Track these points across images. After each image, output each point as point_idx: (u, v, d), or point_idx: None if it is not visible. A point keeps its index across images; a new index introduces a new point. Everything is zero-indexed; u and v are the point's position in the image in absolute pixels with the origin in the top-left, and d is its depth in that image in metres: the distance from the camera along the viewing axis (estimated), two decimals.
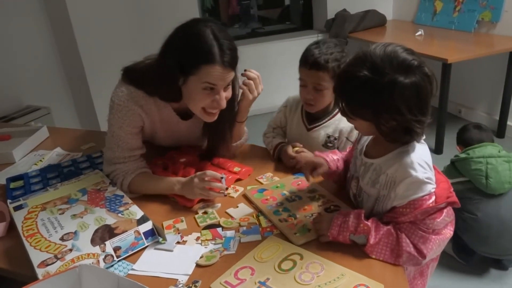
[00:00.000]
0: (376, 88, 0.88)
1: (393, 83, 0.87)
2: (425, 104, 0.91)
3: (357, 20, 3.64)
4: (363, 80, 0.88)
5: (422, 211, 0.93)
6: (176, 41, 1.15)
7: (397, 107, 0.88)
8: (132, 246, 1.04)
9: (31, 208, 1.19)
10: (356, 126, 1.02)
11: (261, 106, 3.93)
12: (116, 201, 1.20)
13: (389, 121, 0.91)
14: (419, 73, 0.88)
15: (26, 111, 2.91)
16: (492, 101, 3.18)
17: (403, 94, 0.87)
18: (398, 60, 0.88)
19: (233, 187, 1.31)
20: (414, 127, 0.91)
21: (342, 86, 0.96)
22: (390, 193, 0.99)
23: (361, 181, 1.08)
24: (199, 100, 1.18)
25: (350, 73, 0.92)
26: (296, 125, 1.47)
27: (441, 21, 3.44)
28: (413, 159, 0.95)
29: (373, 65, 0.88)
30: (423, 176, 0.94)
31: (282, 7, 5.12)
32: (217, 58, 1.11)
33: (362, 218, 0.97)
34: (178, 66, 1.14)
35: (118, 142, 1.29)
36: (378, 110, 0.90)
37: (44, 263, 0.97)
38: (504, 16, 2.94)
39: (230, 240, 1.06)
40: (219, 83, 1.15)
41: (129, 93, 1.26)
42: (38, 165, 1.58)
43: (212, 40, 1.11)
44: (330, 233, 0.98)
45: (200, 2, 5.05)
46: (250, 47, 3.83)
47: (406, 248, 0.94)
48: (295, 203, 1.19)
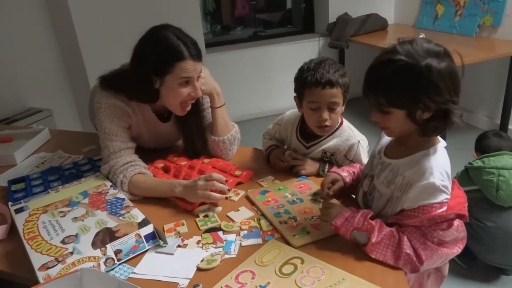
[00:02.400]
0: (415, 71, 0.89)
1: (429, 66, 0.89)
2: (458, 85, 0.93)
3: (358, 24, 3.65)
4: (401, 64, 0.90)
5: (429, 217, 0.93)
6: (146, 50, 1.29)
7: (437, 87, 0.89)
8: (133, 250, 1.04)
9: (32, 210, 1.19)
10: (388, 122, 0.98)
11: (262, 109, 3.96)
12: (117, 204, 1.21)
13: (429, 106, 0.91)
14: (449, 58, 0.92)
15: (28, 113, 2.92)
16: (493, 105, 3.18)
17: (440, 75, 0.89)
18: (428, 48, 0.91)
19: (234, 191, 1.31)
20: (451, 109, 0.92)
21: (378, 75, 0.95)
22: (403, 195, 0.99)
23: (376, 179, 1.08)
24: (178, 95, 1.30)
25: (386, 60, 0.93)
26: (293, 144, 1.44)
27: (443, 25, 3.44)
28: (433, 165, 0.95)
29: (407, 52, 0.91)
30: (440, 183, 0.94)
31: (284, 11, 5.13)
32: (186, 54, 1.26)
33: (368, 217, 0.99)
34: (152, 71, 1.27)
35: (111, 137, 1.36)
36: (416, 97, 0.90)
37: (45, 266, 0.97)
38: (505, 20, 2.94)
39: (231, 244, 1.06)
40: (193, 74, 1.29)
41: (112, 94, 1.36)
42: (39, 167, 1.58)
43: (177, 40, 1.26)
44: (335, 222, 0.99)
45: (202, 5, 5.08)
46: (252, 50, 3.84)
47: (406, 250, 0.94)
48: (296, 205, 1.19)
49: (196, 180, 1.22)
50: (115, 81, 1.37)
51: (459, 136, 3.07)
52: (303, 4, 4.27)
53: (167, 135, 1.54)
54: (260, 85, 3.91)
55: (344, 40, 3.61)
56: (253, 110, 3.89)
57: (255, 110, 3.91)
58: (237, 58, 3.76)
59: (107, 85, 1.37)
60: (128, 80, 1.33)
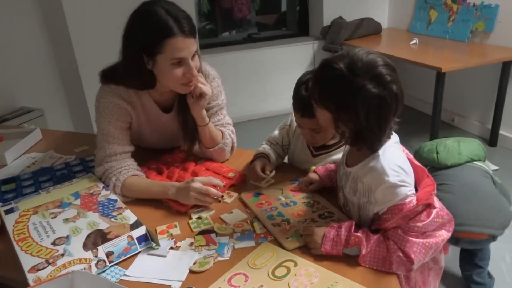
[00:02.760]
0: (344, 85, 0.91)
1: (360, 87, 0.90)
2: (384, 119, 0.93)
3: (352, 27, 3.67)
4: (337, 73, 0.92)
5: (402, 216, 0.94)
6: (134, 28, 1.21)
7: (356, 110, 0.91)
8: (125, 252, 1.03)
9: (23, 211, 1.18)
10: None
11: (255, 112, 3.96)
12: (110, 205, 1.19)
13: (346, 122, 0.95)
14: (388, 89, 0.91)
15: (19, 113, 2.89)
16: (485, 110, 3.21)
17: (365, 101, 0.90)
18: (374, 71, 0.91)
19: (228, 193, 1.30)
20: (366, 136, 0.94)
21: (320, 73, 0.98)
22: (370, 200, 1.00)
23: (344, 190, 1.10)
24: (173, 76, 1.22)
25: (329, 63, 0.95)
26: (300, 149, 1.41)
27: (436, 30, 3.47)
28: (384, 165, 0.96)
29: (351, 64, 0.91)
30: (396, 179, 0.95)
31: (279, 13, 5.14)
32: (176, 30, 1.16)
33: (353, 230, 0.98)
34: (142, 50, 1.19)
35: (109, 139, 1.31)
36: (340, 107, 0.93)
37: (35, 268, 0.95)
38: (497, 26, 2.98)
39: (224, 246, 1.05)
40: (185, 54, 1.20)
41: (111, 90, 1.31)
42: (30, 168, 1.57)
43: (166, 15, 1.17)
44: (324, 248, 0.98)
45: (196, 7, 5.07)
46: (246, 52, 3.85)
47: (395, 253, 0.94)
48: (289, 208, 1.19)
49: (189, 182, 1.20)
50: (112, 72, 1.32)
51: None
52: (297, 7, 4.28)
53: (170, 128, 1.45)
54: (255, 87, 3.91)
55: (338, 43, 3.63)
56: (247, 112, 3.89)
57: (249, 113, 3.91)
58: (232, 60, 3.76)
59: (106, 79, 1.33)
60: (121, 66, 1.27)
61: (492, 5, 2.97)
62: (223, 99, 1.47)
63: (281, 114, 3.90)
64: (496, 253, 1.98)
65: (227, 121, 1.49)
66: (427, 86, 3.38)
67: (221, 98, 1.46)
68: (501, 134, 3.06)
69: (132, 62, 1.23)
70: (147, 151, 1.54)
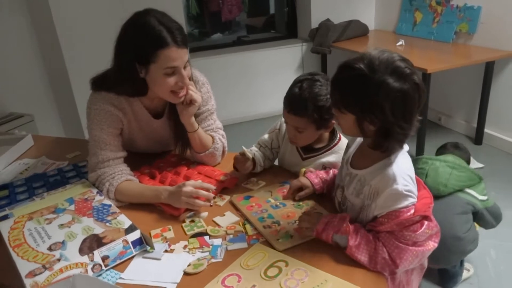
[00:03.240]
0: (366, 83, 0.92)
1: (381, 82, 0.91)
2: (410, 112, 0.94)
3: (340, 30, 3.72)
4: (358, 73, 0.93)
5: (398, 222, 0.97)
6: (127, 38, 1.24)
7: (381, 106, 0.91)
8: (120, 255, 1.06)
9: (18, 218, 1.19)
10: (342, 122, 1.03)
11: (245, 114, 3.98)
12: (104, 210, 1.22)
13: (373, 121, 0.95)
14: (410, 81, 0.92)
15: (9, 118, 2.87)
16: (470, 109, 3.28)
17: (388, 95, 0.90)
18: (393, 65, 0.92)
19: (220, 196, 1.33)
20: (395, 132, 0.95)
21: (339, 75, 0.99)
22: (372, 203, 1.03)
23: (346, 190, 1.12)
24: (165, 85, 1.25)
25: (348, 64, 0.96)
26: (290, 152, 1.45)
27: (421, 32, 3.54)
28: (396, 172, 0.98)
29: (369, 62, 0.93)
30: (403, 188, 0.97)
31: (267, 16, 5.18)
32: (169, 40, 1.19)
33: (347, 220, 1.02)
34: (135, 60, 1.22)
35: (101, 145, 1.34)
36: (364, 106, 0.94)
37: (32, 273, 0.97)
38: (480, 28, 3.05)
39: (217, 248, 1.08)
40: (178, 63, 1.23)
41: (102, 97, 1.33)
42: (23, 174, 1.57)
43: (159, 26, 1.20)
44: (316, 229, 1.03)
45: (185, 9, 5.09)
46: (235, 55, 3.88)
47: (382, 255, 0.98)
48: (279, 210, 1.22)
49: (180, 186, 1.23)
50: (103, 79, 1.34)
51: (438, 140, 3.15)
52: (286, 7, 4.31)
53: (161, 133, 1.49)
54: (244, 90, 3.94)
55: (326, 45, 3.68)
56: (237, 115, 3.92)
57: (238, 115, 3.93)
58: (221, 63, 3.78)
59: (97, 86, 1.35)
60: (113, 74, 1.29)
61: (474, 6, 3.05)
62: (213, 104, 1.50)
63: (271, 116, 3.94)
64: (482, 248, 2.03)
65: (218, 125, 1.52)
66: None
67: (211, 104, 1.49)
68: (486, 132, 3.13)
69: (125, 70, 1.25)
70: (140, 156, 1.56)
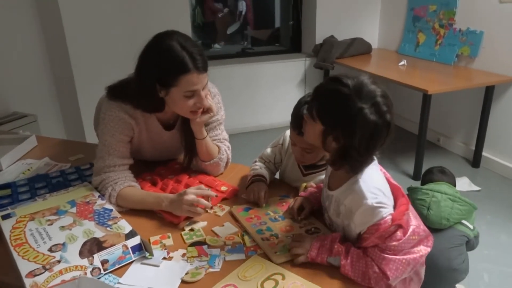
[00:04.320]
0: (348, 105, 0.96)
1: (360, 110, 0.95)
2: (374, 145, 1.00)
3: (344, 46, 3.78)
4: (345, 90, 0.97)
5: (378, 235, 1.00)
6: (150, 60, 1.27)
7: (352, 131, 0.96)
8: (120, 260, 1.07)
9: (20, 217, 1.21)
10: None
11: (247, 125, 4.01)
12: (105, 214, 1.23)
13: (338, 139, 0.99)
14: (383, 118, 0.97)
15: (12, 118, 2.90)
16: (469, 132, 3.32)
17: (363, 124, 0.95)
18: (375, 99, 0.97)
19: (220, 206, 1.35)
20: (353, 156, 0.99)
21: (328, 87, 1.03)
22: (351, 222, 1.06)
23: (328, 212, 1.16)
24: (184, 106, 1.30)
25: (340, 79, 1.00)
26: (291, 168, 1.47)
27: (423, 53, 3.60)
28: (363, 188, 1.02)
29: (358, 87, 0.97)
30: (373, 201, 1.00)
31: (273, 29, 5.25)
32: (191, 66, 1.23)
33: (337, 241, 1.04)
34: (157, 82, 1.26)
35: (110, 150, 1.36)
36: (337, 123, 0.98)
37: (32, 273, 0.98)
38: (482, 52, 3.10)
39: (215, 258, 1.10)
40: (198, 87, 1.28)
41: (118, 105, 1.36)
42: (25, 174, 1.59)
43: (182, 51, 1.23)
44: (310, 255, 1.04)
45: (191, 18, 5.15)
46: (239, 66, 3.92)
47: (371, 268, 1.00)
48: (278, 223, 1.24)
49: (182, 194, 1.24)
50: (121, 90, 1.37)
51: (436, 161, 3.19)
52: (291, 21, 4.37)
53: (169, 144, 1.52)
54: (247, 101, 3.98)
55: (329, 61, 3.73)
56: (239, 126, 3.95)
57: (240, 126, 3.96)
58: (225, 74, 3.83)
59: (114, 95, 1.38)
60: (133, 89, 1.32)
61: (477, 31, 3.10)
62: (222, 115, 1.53)
63: (272, 128, 3.97)
64: (475, 272, 2.05)
65: (224, 136, 1.55)
66: (414, 106, 3.48)
67: (220, 114, 1.53)
68: (484, 155, 3.16)
69: (145, 88, 1.29)
70: (142, 163, 1.58)
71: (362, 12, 4.06)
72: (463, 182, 2.88)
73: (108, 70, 1.42)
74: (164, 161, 1.62)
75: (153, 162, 1.61)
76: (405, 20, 3.82)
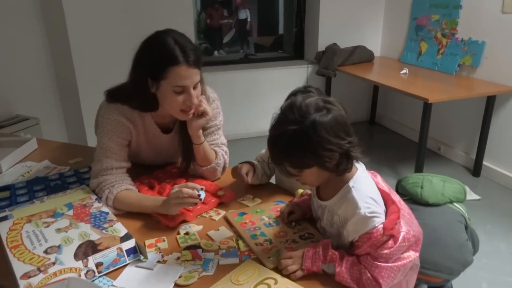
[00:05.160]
0: (304, 133, 0.97)
1: (314, 123, 0.96)
2: (348, 128, 1.01)
3: (346, 54, 3.79)
4: (290, 133, 0.98)
5: (370, 244, 1.00)
6: (143, 53, 1.30)
7: (327, 140, 0.97)
8: (114, 263, 1.08)
9: (17, 219, 1.22)
10: (305, 179, 1.08)
11: (249, 131, 4.03)
12: (101, 217, 1.24)
13: (330, 156, 0.99)
14: (330, 108, 0.99)
15: (15, 120, 2.93)
16: (470, 141, 3.31)
17: (326, 128, 0.97)
18: (310, 105, 0.99)
19: (215, 210, 1.36)
20: (351, 150, 1.00)
21: (276, 149, 1.03)
22: (344, 231, 1.07)
23: (322, 222, 1.16)
24: (174, 102, 1.30)
25: (279, 134, 1.01)
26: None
27: (425, 62, 3.61)
28: (356, 197, 1.03)
29: (292, 118, 0.98)
30: (367, 211, 1.01)
31: (276, 36, 5.28)
32: (181, 59, 1.23)
33: (330, 247, 1.04)
34: (148, 74, 1.27)
35: (107, 153, 1.37)
36: (316, 151, 0.98)
37: (26, 275, 0.99)
38: (483, 62, 3.11)
39: (209, 262, 1.10)
40: (187, 83, 1.27)
41: (116, 108, 1.38)
42: (25, 176, 1.60)
43: (174, 45, 1.24)
44: (305, 266, 1.04)
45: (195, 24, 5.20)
46: (243, 72, 3.95)
47: (365, 275, 1.00)
48: (272, 228, 1.24)
49: (171, 193, 1.25)
50: (119, 92, 1.39)
51: (436, 169, 3.18)
52: (295, 28, 4.40)
53: (167, 147, 1.54)
54: (249, 107, 4.00)
55: (331, 69, 3.74)
56: (240, 131, 3.96)
57: (242, 131, 3.98)
58: (227, 79, 3.85)
59: (112, 98, 1.40)
60: (127, 87, 1.34)
61: (479, 41, 3.11)
62: (220, 120, 1.54)
63: None
64: (473, 281, 2.04)
65: (222, 141, 1.56)
66: (415, 114, 3.49)
67: (219, 119, 1.54)
68: (484, 165, 3.15)
69: (138, 84, 1.30)
70: (140, 166, 1.59)
71: (365, 20, 4.09)
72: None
73: (111, 75, 1.44)
74: (162, 164, 1.63)
75: (151, 165, 1.62)
76: (407, 29, 3.83)
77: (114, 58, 3.14)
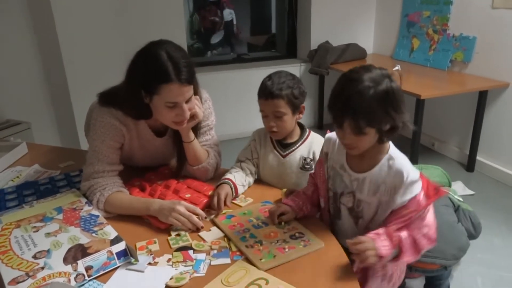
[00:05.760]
0: (383, 94, 1.04)
1: (390, 87, 1.05)
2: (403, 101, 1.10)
3: (338, 52, 3.79)
4: (372, 91, 1.03)
5: (416, 203, 1.08)
6: (136, 66, 1.29)
7: (398, 103, 1.06)
8: (104, 266, 1.07)
9: (5, 225, 1.21)
10: (361, 143, 1.10)
11: (242, 131, 4.00)
12: (91, 220, 1.23)
13: (395, 119, 1.06)
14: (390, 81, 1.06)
15: (6, 125, 2.91)
16: (463, 137, 3.32)
17: (397, 93, 1.06)
18: (380, 73, 1.07)
19: (207, 211, 1.34)
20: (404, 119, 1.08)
21: (355, 103, 1.04)
22: (391, 198, 1.11)
23: (359, 194, 1.18)
24: (166, 115, 1.31)
25: (359, 90, 1.04)
26: (271, 156, 1.50)
27: (418, 58, 3.61)
28: (403, 164, 1.11)
29: (370, 80, 1.04)
30: (416, 175, 1.10)
31: (269, 35, 5.27)
32: (173, 77, 1.22)
33: (392, 232, 1.07)
34: (142, 88, 1.27)
35: (99, 156, 1.36)
36: (390, 113, 1.05)
37: (15, 281, 0.98)
38: (475, 57, 3.11)
39: (200, 263, 1.09)
40: (179, 100, 1.27)
41: (110, 111, 1.37)
42: (14, 181, 1.59)
43: (167, 61, 1.22)
44: (381, 253, 1.03)
45: (189, 24, 5.17)
46: (236, 72, 3.93)
47: (420, 239, 1.07)
48: (261, 229, 1.23)
49: (175, 203, 1.25)
50: (112, 97, 1.38)
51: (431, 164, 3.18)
52: (286, 27, 4.39)
53: (161, 151, 1.53)
54: (242, 106, 3.98)
55: (324, 67, 3.74)
56: (233, 131, 3.95)
57: (235, 131, 3.96)
58: (220, 79, 3.84)
59: (105, 102, 1.38)
60: (121, 95, 1.33)
61: (470, 37, 3.12)
62: (212, 120, 1.54)
63: None
64: (469, 276, 2.05)
65: (215, 141, 1.55)
66: (408, 111, 3.48)
67: (211, 119, 1.53)
68: (478, 160, 3.16)
69: (132, 94, 1.30)
70: (131, 168, 1.58)
71: (357, 17, 4.08)
72: (458, 186, 2.88)
73: (102, 77, 1.42)
74: (155, 166, 1.62)
75: (143, 167, 1.61)
76: (399, 26, 3.84)
77: (105, 60, 3.13)
